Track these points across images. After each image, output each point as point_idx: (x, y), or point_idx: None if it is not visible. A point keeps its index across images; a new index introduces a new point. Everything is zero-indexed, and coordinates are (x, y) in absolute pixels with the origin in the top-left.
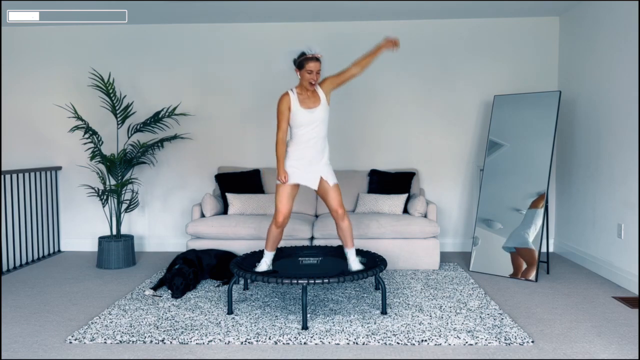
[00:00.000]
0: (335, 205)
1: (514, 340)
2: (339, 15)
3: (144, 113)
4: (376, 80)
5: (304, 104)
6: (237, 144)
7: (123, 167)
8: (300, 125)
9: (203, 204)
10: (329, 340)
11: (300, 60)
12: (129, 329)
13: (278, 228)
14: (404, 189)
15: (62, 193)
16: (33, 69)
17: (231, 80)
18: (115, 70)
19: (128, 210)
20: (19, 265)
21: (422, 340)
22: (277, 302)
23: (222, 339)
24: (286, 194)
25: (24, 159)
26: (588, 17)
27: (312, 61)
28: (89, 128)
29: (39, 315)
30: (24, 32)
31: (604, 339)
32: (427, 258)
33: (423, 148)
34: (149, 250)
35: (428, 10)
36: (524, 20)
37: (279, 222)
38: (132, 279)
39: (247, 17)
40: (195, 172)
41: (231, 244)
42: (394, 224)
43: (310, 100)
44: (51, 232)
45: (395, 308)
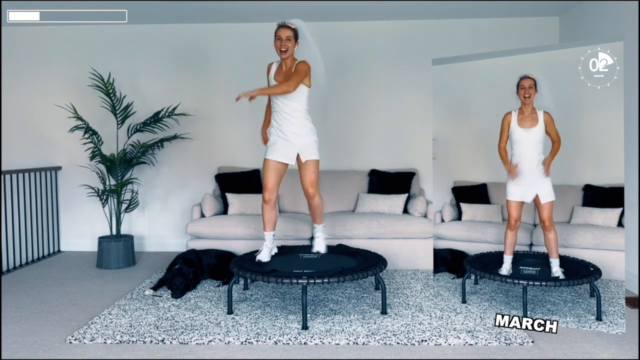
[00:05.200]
0: (306, 183)
1: (514, 340)
2: (339, 15)
3: (144, 113)
4: (376, 80)
5: (276, 77)
6: (237, 144)
7: (123, 167)
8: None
9: (203, 204)
10: (329, 340)
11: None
12: (129, 329)
13: (266, 204)
14: (404, 189)
15: (62, 193)
16: (33, 69)
17: (231, 81)
18: (115, 70)
19: (128, 210)
20: (19, 265)
21: (422, 340)
22: (277, 302)
23: (222, 339)
24: (269, 169)
25: (24, 159)
26: (588, 17)
27: (281, 28)
28: (89, 128)
29: (39, 315)
30: (24, 32)
31: (604, 339)
32: (427, 258)
33: (423, 148)
34: (149, 250)
35: (428, 10)
36: (524, 20)
37: (265, 198)
38: (132, 279)
39: (247, 17)
40: (195, 172)
41: (231, 244)
42: (394, 224)
43: (283, 75)
44: (51, 232)
45: (395, 308)
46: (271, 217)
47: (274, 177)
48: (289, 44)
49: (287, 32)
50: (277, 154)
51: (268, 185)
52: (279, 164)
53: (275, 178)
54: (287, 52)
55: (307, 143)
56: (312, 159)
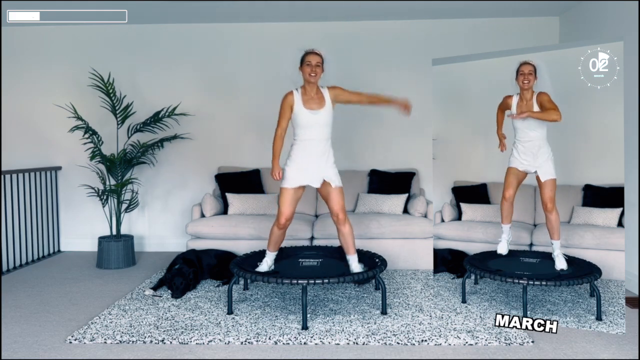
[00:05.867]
0: (337, 209)
1: (514, 340)
2: (339, 15)
3: (144, 113)
4: (376, 80)
5: (307, 105)
6: (237, 144)
7: (123, 167)
8: (303, 126)
9: (203, 204)
10: (329, 340)
11: (301, 57)
12: (129, 329)
13: (280, 230)
14: (404, 189)
15: (62, 193)
16: (33, 69)
17: (231, 80)
18: (115, 70)
19: (128, 210)
20: (19, 265)
21: (422, 340)
22: (277, 302)
23: (222, 339)
24: (289, 197)
25: (24, 159)
26: (588, 17)
27: (311, 54)
28: (89, 128)
29: (39, 315)
30: (24, 32)
31: (604, 339)
32: (427, 258)
33: (423, 148)
34: (149, 250)
35: (428, 10)
36: (524, 20)
37: (280, 223)
38: (132, 279)
39: (247, 17)
40: (195, 172)
41: (231, 244)
42: (394, 224)
43: (314, 101)
44: (51, 232)
45: (395, 308)
46: (280, 240)
47: (293, 205)
48: (318, 70)
49: (317, 58)
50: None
51: (286, 212)
52: (299, 192)
53: (294, 206)
54: (316, 78)
55: (331, 167)
56: (341, 186)
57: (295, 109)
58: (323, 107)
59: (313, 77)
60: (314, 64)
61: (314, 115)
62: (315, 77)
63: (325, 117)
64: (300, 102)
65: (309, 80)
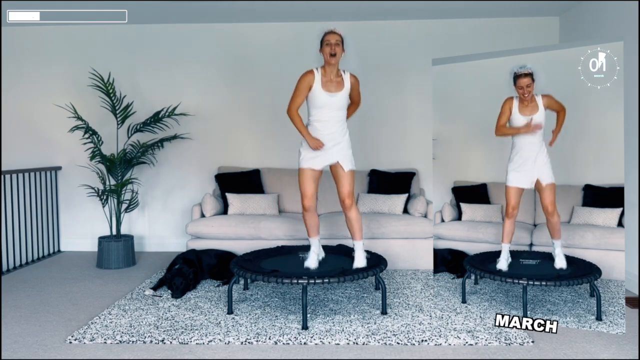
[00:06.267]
0: (344, 194)
1: (514, 340)
2: (338, 15)
3: (144, 113)
4: (376, 80)
5: (325, 87)
6: (237, 144)
7: (123, 167)
8: (319, 106)
9: (203, 204)
10: (329, 340)
11: (321, 38)
12: (129, 329)
13: (307, 212)
14: (404, 189)
15: (62, 193)
16: (33, 69)
17: (231, 80)
18: (115, 70)
19: (128, 210)
20: (19, 265)
21: (422, 340)
22: (277, 302)
23: (222, 339)
24: (308, 176)
25: (24, 159)
26: (588, 17)
27: (330, 34)
28: (88, 128)
29: (39, 315)
30: (24, 32)
31: (604, 339)
32: (427, 258)
33: (423, 148)
34: (149, 250)
35: (428, 10)
36: (524, 20)
37: (305, 205)
38: (132, 279)
39: (247, 17)
40: (195, 172)
41: (231, 244)
42: (394, 224)
43: (332, 84)
44: (51, 232)
45: (395, 308)
46: (314, 223)
47: (313, 185)
48: (338, 49)
49: (336, 37)
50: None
51: (307, 192)
52: (317, 172)
53: (315, 185)
54: (336, 57)
55: (345, 148)
56: (353, 169)
57: (314, 89)
58: (341, 90)
59: (333, 57)
60: (334, 42)
61: (331, 97)
62: (335, 57)
63: (342, 100)
64: (320, 83)
65: (329, 61)
